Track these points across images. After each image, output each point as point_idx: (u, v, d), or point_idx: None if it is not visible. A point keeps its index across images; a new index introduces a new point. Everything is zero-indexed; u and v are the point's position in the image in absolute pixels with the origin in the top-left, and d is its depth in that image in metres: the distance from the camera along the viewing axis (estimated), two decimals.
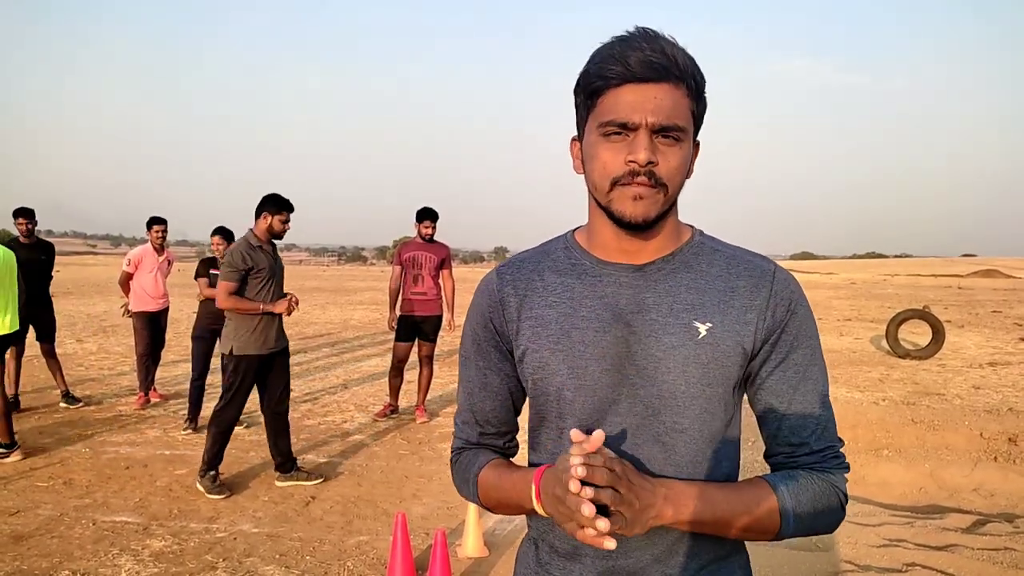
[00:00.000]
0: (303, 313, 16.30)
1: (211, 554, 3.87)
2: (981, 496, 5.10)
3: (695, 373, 1.06)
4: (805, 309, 1.12)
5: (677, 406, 1.06)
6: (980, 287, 29.20)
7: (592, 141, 1.06)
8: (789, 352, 1.10)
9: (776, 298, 1.09)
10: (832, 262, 77.36)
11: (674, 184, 1.04)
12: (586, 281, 1.12)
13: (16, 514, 4.35)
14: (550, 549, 1.16)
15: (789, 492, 1.06)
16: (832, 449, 1.12)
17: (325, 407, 7.26)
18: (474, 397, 1.23)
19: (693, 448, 1.08)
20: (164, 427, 6.37)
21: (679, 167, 1.04)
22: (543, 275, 1.16)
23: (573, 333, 1.10)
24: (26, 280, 6.70)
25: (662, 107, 1.00)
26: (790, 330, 1.09)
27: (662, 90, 1.00)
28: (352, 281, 31.23)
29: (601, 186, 1.05)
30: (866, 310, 17.71)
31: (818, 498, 1.07)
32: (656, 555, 1.08)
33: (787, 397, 1.10)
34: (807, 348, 1.11)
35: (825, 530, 1.11)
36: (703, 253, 1.13)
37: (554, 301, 1.13)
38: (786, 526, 1.06)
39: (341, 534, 4.18)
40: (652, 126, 1.00)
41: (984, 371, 9.18)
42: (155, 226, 7.11)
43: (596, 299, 1.11)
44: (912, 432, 6.25)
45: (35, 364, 7.98)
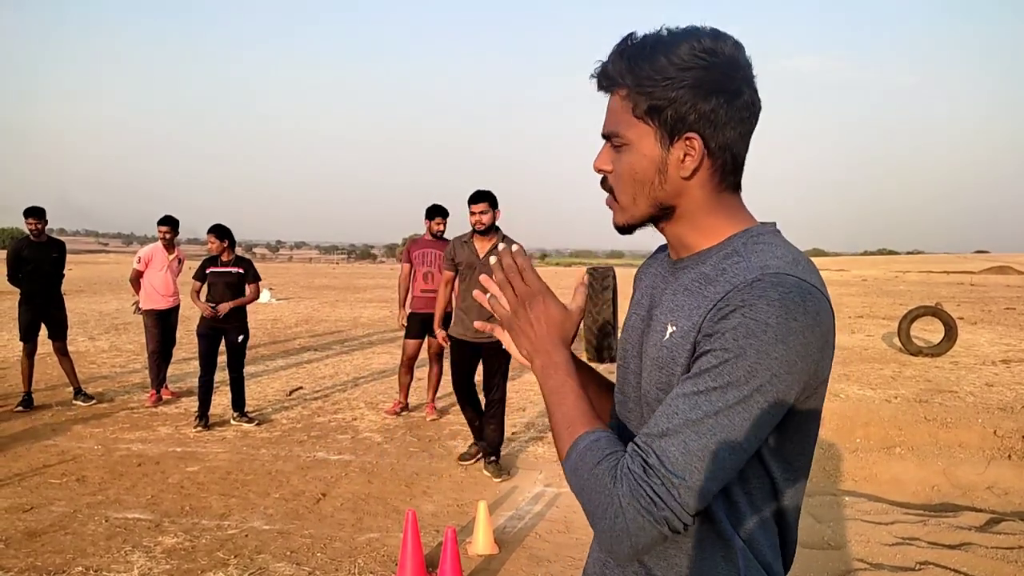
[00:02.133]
0: (313, 310, 16.36)
1: (223, 551, 3.89)
2: (995, 494, 5.06)
3: (655, 376, 1.03)
4: (751, 321, 0.89)
5: (647, 405, 1.06)
6: (993, 284, 28.98)
7: None
8: (699, 356, 0.94)
9: (722, 303, 0.93)
10: (843, 259, 76.99)
11: (620, 190, 1.06)
12: (650, 271, 1.20)
13: (30, 510, 4.38)
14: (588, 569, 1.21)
15: (584, 447, 0.97)
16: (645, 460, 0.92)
17: (335, 404, 7.28)
18: None
19: None
20: (176, 424, 6.40)
21: (622, 173, 1.05)
22: (651, 267, 1.22)
23: (632, 317, 1.18)
24: (37, 278, 6.76)
25: (606, 116, 1.06)
26: (717, 334, 0.92)
27: (610, 100, 1.06)
28: (362, 279, 31.32)
29: None
30: (878, 307, 17.61)
31: (594, 471, 0.94)
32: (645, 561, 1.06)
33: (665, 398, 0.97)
34: (718, 358, 0.91)
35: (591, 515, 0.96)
36: (729, 256, 1.01)
37: (639, 292, 1.21)
38: (568, 457, 0.99)
39: (351, 531, 4.19)
40: (605, 136, 1.07)
41: (997, 368, 9.10)
42: (161, 226, 7.14)
43: (645, 290, 1.17)
44: (925, 430, 6.20)
45: (47, 362, 8.03)
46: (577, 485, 0.98)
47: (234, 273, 6.35)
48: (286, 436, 6.10)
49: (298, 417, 6.75)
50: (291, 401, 7.40)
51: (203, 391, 6.31)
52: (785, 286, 0.91)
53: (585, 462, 0.97)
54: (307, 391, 7.89)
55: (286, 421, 6.60)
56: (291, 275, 34.10)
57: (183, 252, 7.42)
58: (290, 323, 13.96)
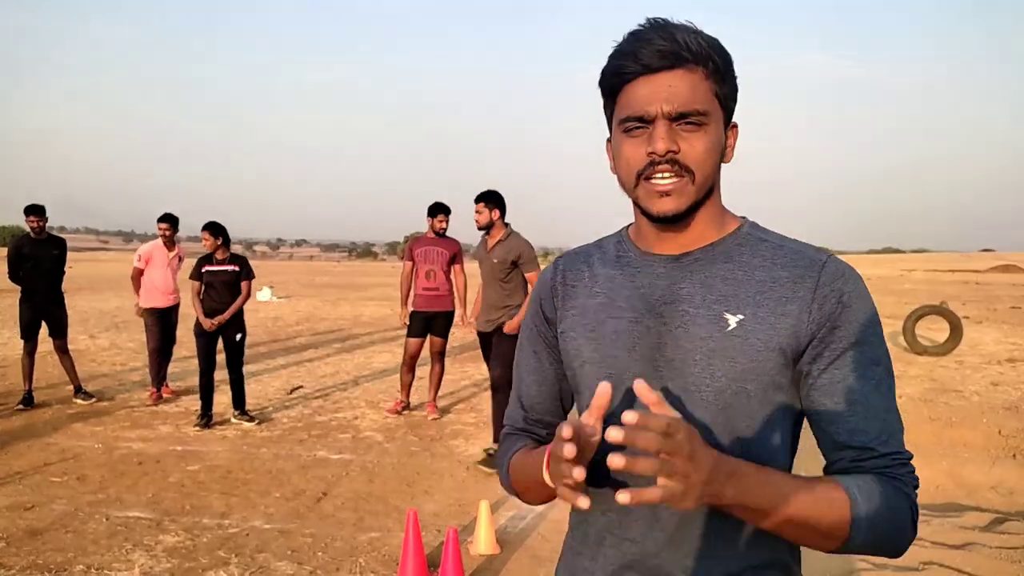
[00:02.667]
0: (314, 309, 16.36)
1: (223, 549, 3.88)
2: (999, 494, 5.03)
3: (720, 367, 1.01)
4: (863, 303, 1.01)
5: (701, 400, 1.02)
6: (999, 283, 28.93)
7: (617, 139, 1.06)
8: (845, 349, 1.00)
9: (824, 289, 1.00)
10: (848, 257, 76.91)
11: (703, 170, 1.01)
12: (627, 272, 1.12)
13: (31, 509, 4.37)
14: (583, 537, 1.16)
15: (862, 495, 0.95)
16: (902, 456, 1.00)
17: (336, 403, 7.26)
18: (523, 381, 1.25)
19: (717, 444, 1.01)
20: (176, 423, 6.39)
21: (706, 152, 1.01)
22: (592, 266, 1.17)
23: (608, 323, 1.10)
24: (38, 276, 6.75)
25: (677, 94, 0.99)
26: (843, 325, 0.99)
27: (676, 77, 0.99)
28: (363, 277, 31.34)
29: (628, 182, 1.05)
30: (883, 306, 17.56)
31: (892, 507, 0.96)
32: (677, 555, 1.04)
33: (842, 397, 1.00)
34: (866, 346, 1.00)
35: (893, 548, 0.98)
36: (748, 243, 1.07)
37: (597, 292, 1.14)
38: (855, 534, 0.94)
39: (353, 530, 4.17)
40: (669, 114, 0.99)
41: (1003, 367, 9.07)
42: (161, 224, 7.12)
43: (633, 289, 1.10)
44: (929, 429, 6.18)
45: (48, 360, 8.03)
46: (880, 544, 0.97)
47: (230, 271, 6.30)
48: (287, 435, 6.09)
49: (299, 416, 6.73)
50: (292, 400, 7.39)
51: (204, 390, 6.31)
52: (850, 266, 1.04)
53: (883, 522, 0.95)
54: (308, 390, 7.88)
55: (287, 420, 6.58)
56: (292, 273, 34.13)
57: (183, 250, 7.41)
58: (291, 321, 13.96)
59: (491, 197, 5.53)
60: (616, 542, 1.09)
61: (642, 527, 1.06)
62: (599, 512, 1.11)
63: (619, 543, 1.08)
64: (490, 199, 5.53)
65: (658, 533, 1.05)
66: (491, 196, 5.54)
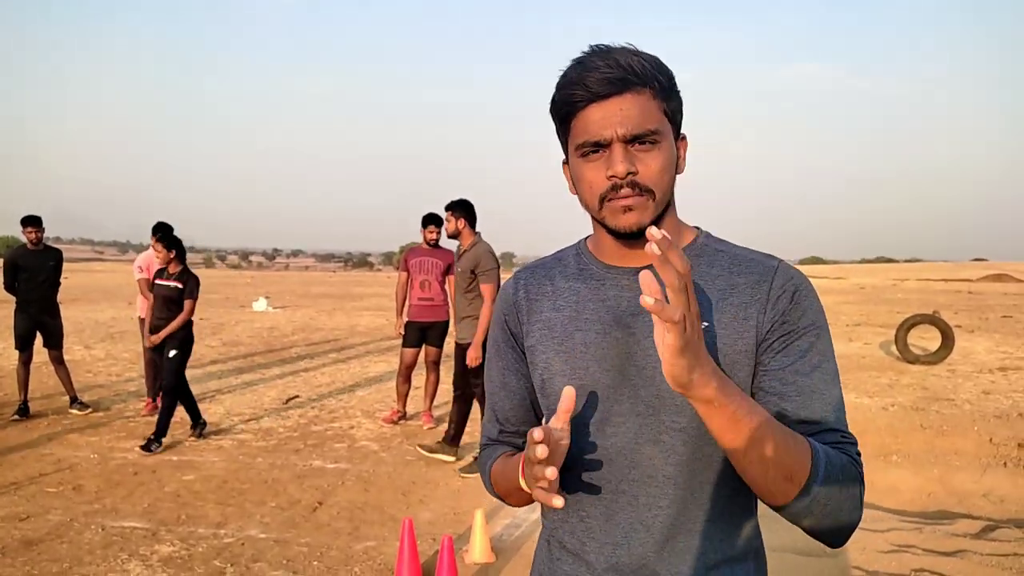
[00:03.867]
0: (310, 319, 16.36)
1: (219, 559, 3.89)
2: (990, 502, 5.07)
3: None
4: (810, 300, 1.09)
5: (675, 405, 1.07)
6: (991, 292, 29.06)
7: (575, 164, 1.10)
8: (794, 339, 1.06)
9: (777, 291, 1.08)
10: (841, 266, 77.09)
11: (660, 187, 1.07)
12: (591, 285, 1.15)
13: (26, 519, 4.37)
14: (560, 546, 1.18)
15: (821, 449, 0.98)
16: (850, 436, 1.06)
17: (332, 413, 7.27)
18: (495, 396, 1.28)
19: (692, 446, 1.08)
20: (172, 433, 6.39)
21: (662, 169, 1.06)
22: (554, 280, 1.21)
23: (576, 335, 1.13)
24: (34, 287, 6.75)
25: (629, 117, 1.03)
26: (792, 319, 1.07)
27: (626, 101, 1.04)
28: (358, 287, 31.32)
29: (592, 204, 1.10)
30: (875, 315, 17.64)
31: (847, 472, 0.99)
32: (661, 553, 1.09)
33: (792, 379, 1.04)
34: (813, 335, 1.07)
35: (844, 520, 1.00)
36: (705, 254, 1.13)
37: (561, 305, 1.17)
38: (813, 481, 0.95)
39: (348, 540, 4.18)
40: (623, 137, 1.03)
41: (994, 376, 9.13)
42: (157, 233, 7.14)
43: (599, 302, 1.13)
44: (921, 437, 6.22)
45: (43, 371, 8.02)
46: (835, 504, 0.98)
47: (173, 287, 5.98)
48: (282, 445, 6.10)
49: (295, 426, 6.74)
50: (288, 410, 7.40)
51: (184, 401, 6.20)
52: (797, 269, 1.12)
53: (837, 477, 0.98)
54: (304, 400, 7.89)
55: (282, 430, 6.59)
56: (288, 283, 34.09)
57: None
58: (287, 331, 13.96)
59: (458, 206, 5.58)
60: (598, 547, 1.12)
61: (626, 529, 1.10)
62: (577, 518, 1.15)
63: (602, 547, 1.12)
64: (456, 208, 5.57)
65: (643, 534, 1.09)
66: (458, 205, 5.58)
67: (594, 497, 1.12)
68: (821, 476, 0.95)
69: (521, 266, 1.30)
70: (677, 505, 1.08)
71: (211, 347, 11.55)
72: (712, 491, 1.09)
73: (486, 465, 1.26)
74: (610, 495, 1.10)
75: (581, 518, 1.14)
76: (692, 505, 1.08)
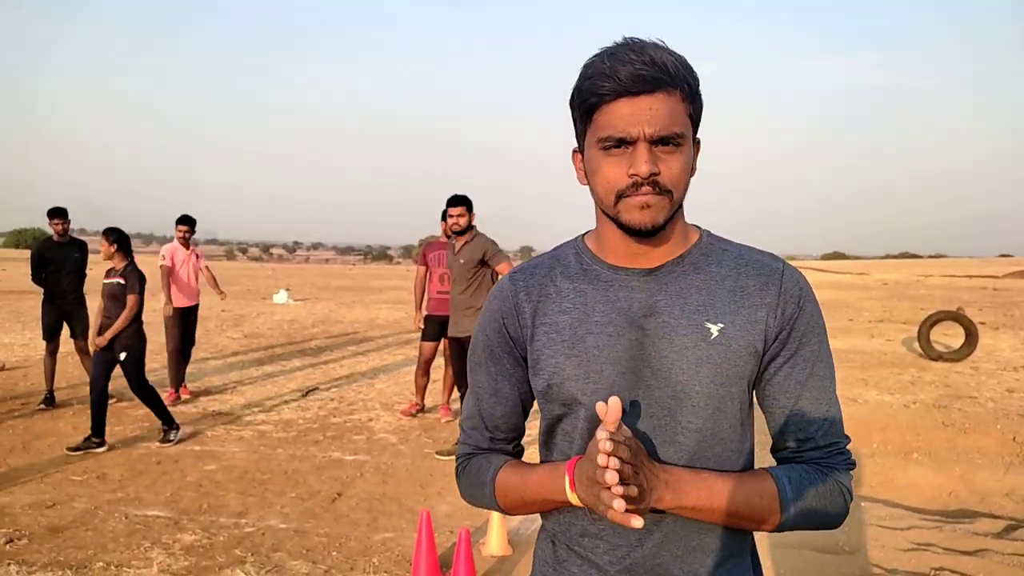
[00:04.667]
0: (329, 311, 16.47)
1: (240, 548, 3.94)
2: (1013, 501, 5.01)
3: (708, 373, 1.07)
4: (813, 305, 1.13)
5: (692, 406, 1.08)
6: (1016, 288, 28.59)
7: (593, 156, 1.08)
8: (798, 348, 1.11)
9: (785, 295, 1.11)
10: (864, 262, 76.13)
11: (679, 189, 1.06)
12: (598, 286, 1.13)
13: (53, 507, 4.46)
14: (568, 548, 1.16)
15: (791, 485, 1.08)
16: (837, 446, 1.13)
17: (351, 405, 7.33)
18: (484, 403, 1.23)
19: (706, 447, 1.09)
20: (194, 423, 6.48)
21: (681, 172, 1.05)
22: (556, 281, 1.17)
23: (588, 338, 1.11)
24: (61, 278, 6.86)
25: (658, 118, 1.01)
26: (799, 327, 1.11)
27: (656, 100, 1.02)
28: (378, 280, 31.46)
29: (607, 200, 1.08)
30: (898, 311, 17.43)
31: (821, 494, 1.09)
32: (675, 552, 1.09)
33: (794, 393, 1.11)
34: (815, 344, 1.12)
35: (826, 525, 1.12)
36: (712, 254, 1.14)
37: (568, 307, 1.14)
38: (786, 519, 1.08)
39: (367, 531, 4.22)
40: (650, 137, 1.02)
41: (1018, 374, 8.99)
42: (180, 225, 7.28)
43: (608, 304, 1.12)
44: (943, 435, 6.15)
45: (69, 361, 8.15)
46: (811, 525, 1.12)
47: (117, 284, 5.64)
48: (302, 436, 6.16)
49: (314, 417, 6.80)
50: (307, 401, 7.47)
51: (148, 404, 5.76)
52: (798, 270, 1.15)
53: (811, 507, 1.09)
54: (323, 392, 7.95)
55: (302, 421, 6.66)
56: (308, 276, 34.31)
57: (200, 250, 7.51)
58: (307, 324, 14.07)
59: (468, 201, 5.67)
60: (611, 548, 1.11)
61: (639, 531, 1.09)
62: (588, 520, 1.13)
63: (615, 549, 1.11)
64: (468, 203, 5.66)
65: (657, 535, 1.09)
66: (468, 200, 5.68)
67: None
68: (792, 513, 1.08)
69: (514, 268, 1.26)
70: None
71: (232, 339, 11.67)
72: None
73: (486, 474, 1.21)
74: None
75: (592, 520, 1.13)
76: None
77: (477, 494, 1.23)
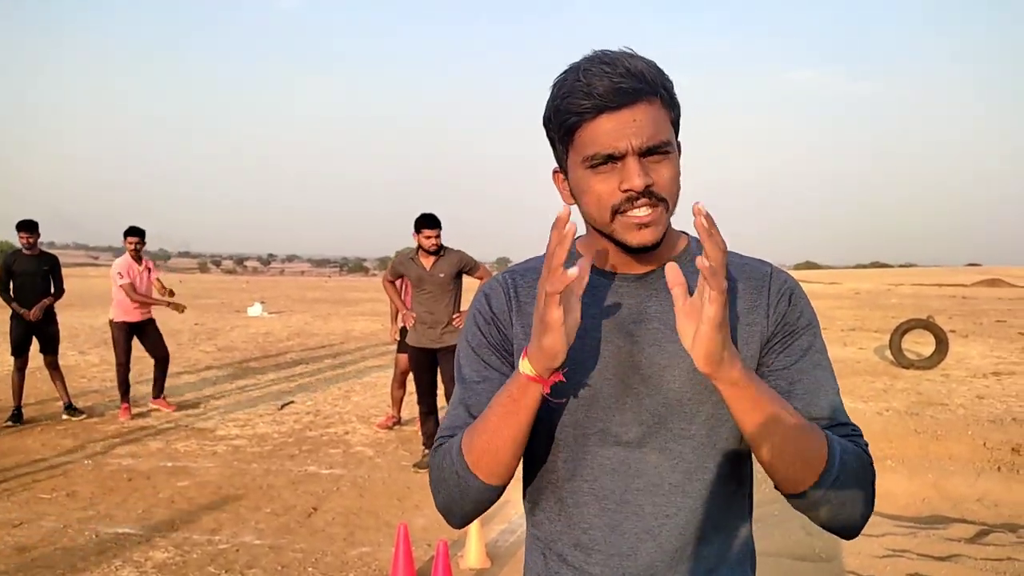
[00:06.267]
0: (305, 324, 16.34)
1: (213, 565, 3.88)
2: (985, 506, 5.08)
3: (702, 379, 1.02)
4: (803, 300, 1.13)
5: (684, 412, 1.06)
6: (984, 296, 29.14)
7: (580, 176, 1.04)
8: (793, 339, 1.10)
9: (776, 295, 1.11)
10: (836, 272, 77.18)
11: (673, 197, 1.04)
12: (588, 292, 1.07)
13: (19, 526, 4.36)
14: (558, 558, 1.14)
15: (838, 441, 1.02)
16: (858, 429, 1.10)
17: (327, 418, 7.26)
18: (470, 391, 1.14)
19: (702, 454, 1.07)
20: (167, 439, 6.38)
21: (673, 179, 1.03)
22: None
23: (575, 343, 1.05)
24: (28, 292, 6.73)
25: (643, 129, 0.99)
26: (791, 319, 1.11)
27: (638, 111, 0.99)
28: (354, 292, 31.28)
29: (601, 217, 1.04)
30: (870, 320, 17.68)
31: (861, 460, 1.04)
32: (666, 560, 1.07)
33: (797, 377, 1.08)
34: (811, 335, 1.11)
35: (862, 505, 1.03)
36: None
37: None
38: (830, 468, 0.98)
39: (343, 545, 4.18)
40: (638, 150, 0.99)
41: (988, 381, 9.15)
42: (131, 237, 6.99)
43: (598, 310, 1.10)
44: (915, 442, 6.23)
45: (38, 376, 7.98)
46: (850, 495, 1.02)
47: None
48: (277, 450, 6.08)
49: (289, 431, 6.73)
50: (282, 415, 7.38)
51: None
52: (785, 271, 1.16)
53: (850, 458, 1.02)
54: (298, 405, 7.87)
55: (277, 435, 6.58)
56: (283, 288, 34.04)
57: (151, 261, 7.31)
58: (282, 337, 13.94)
59: (439, 221, 5.62)
60: (604, 559, 1.08)
61: (632, 540, 1.07)
62: (580, 530, 1.10)
63: (608, 559, 1.08)
64: (440, 224, 5.61)
65: (650, 544, 1.07)
66: (439, 220, 5.61)
67: (597, 508, 1.09)
68: (837, 464, 0.99)
69: (508, 268, 1.23)
70: (685, 513, 1.07)
71: (206, 352, 11.53)
72: (715, 497, 1.08)
73: (453, 444, 1.08)
74: (614, 506, 1.08)
75: (584, 530, 1.10)
76: (698, 512, 1.08)
77: (445, 466, 1.08)
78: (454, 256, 5.63)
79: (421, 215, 5.61)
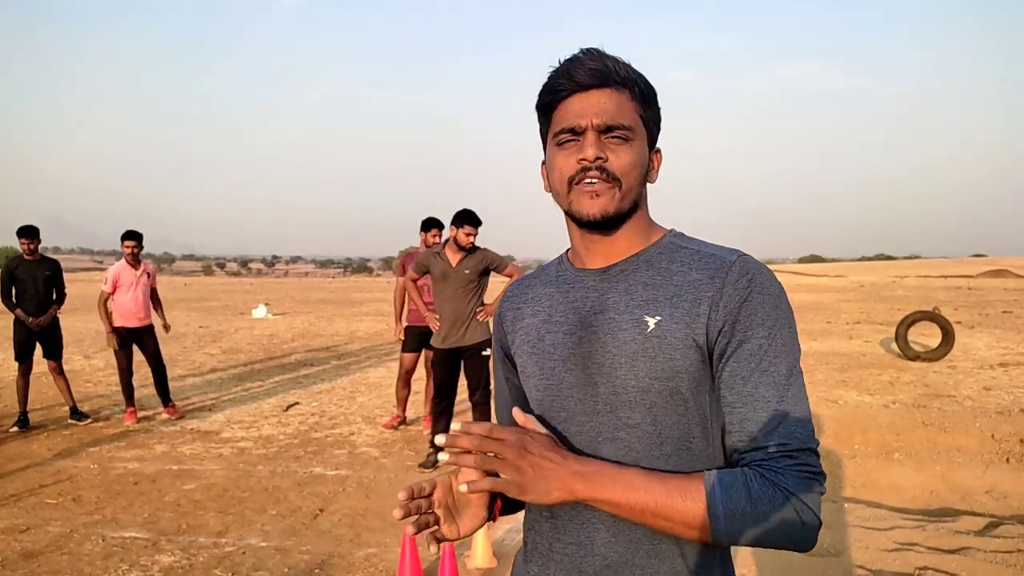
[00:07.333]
0: (309, 325, 16.35)
1: (220, 568, 3.87)
2: (993, 498, 5.06)
3: (643, 367, 1.06)
4: (764, 296, 1.06)
5: (629, 401, 1.08)
6: (990, 287, 29.04)
7: (550, 154, 1.14)
8: (742, 342, 1.04)
9: (729, 288, 1.05)
10: (841, 264, 77.04)
11: (628, 180, 1.10)
12: (562, 288, 1.20)
13: (26, 531, 4.36)
14: (532, 548, 1.20)
15: (722, 489, 0.98)
16: (785, 447, 1.01)
17: (332, 419, 7.26)
18: (497, 395, 1.35)
19: (648, 444, 1.07)
20: (172, 442, 6.38)
21: (631, 164, 1.10)
22: (534, 288, 1.26)
23: (547, 338, 1.18)
24: (30, 298, 6.73)
25: (606, 109, 1.08)
26: (743, 319, 1.04)
27: (604, 95, 1.09)
28: (358, 292, 31.31)
29: (561, 190, 1.13)
30: (875, 312, 17.63)
31: (756, 499, 0.98)
32: (625, 555, 1.08)
33: (738, 388, 1.04)
34: (762, 338, 1.04)
35: (782, 544, 1.00)
36: (668, 251, 1.14)
37: (538, 310, 1.22)
38: (716, 528, 0.98)
39: (350, 547, 4.17)
40: (598, 127, 1.08)
41: (995, 372, 9.11)
42: (128, 241, 6.93)
43: (567, 304, 1.18)
44: (923, 435, 6.20)
45: (43, 381, 8.01)
46: (759, 540, 0.99)
47: None
48: (283, 452, 6.08)
49: (295, 433, 6.73)
50: (287, 417, 7.38)
51: None
52: (759, 263, 1.10)
53: (748, 516, 0.98)
54: (304, 406, 7.87)
55: (283, 437, 6.58)
56: (287, 289, 34.08)
57: (150, 266, 7.26)
58: (286, 338, 13.95)
59: (479, 219, 5.50)
60: (562, 547, 1.13)
61: (589, 529, 1.11)
62: (543, 519, 1.17)
63: (565, 548, 1.13)
64: (480, 222, 5.49)
65: (604, 533, 1.09)
66: (479, 218, 5.50)
67: None
68: (722, 518, 0.98)
69: None
70: None
71: (211, 355, 11.54)
72: None
73: None
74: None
75: (546, 518, 1.16)
76: None
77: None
78: (480, 254, 5.54)
79: (462, 211, 5.44)
